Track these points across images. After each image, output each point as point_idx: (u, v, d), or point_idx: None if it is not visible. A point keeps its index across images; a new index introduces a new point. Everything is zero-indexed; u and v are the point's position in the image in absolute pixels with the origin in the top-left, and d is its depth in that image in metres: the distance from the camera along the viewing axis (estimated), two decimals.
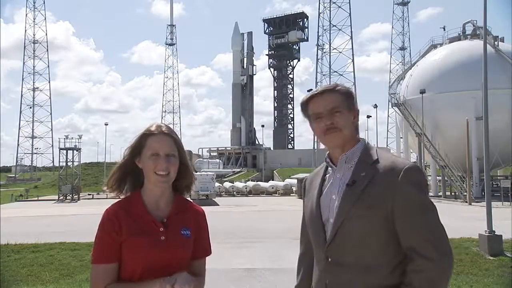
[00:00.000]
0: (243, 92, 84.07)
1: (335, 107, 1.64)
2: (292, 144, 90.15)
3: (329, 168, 1.72)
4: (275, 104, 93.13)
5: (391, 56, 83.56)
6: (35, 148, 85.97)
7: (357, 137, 1.69)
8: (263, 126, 72.16)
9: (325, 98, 1.66)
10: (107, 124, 55.16)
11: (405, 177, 1.52)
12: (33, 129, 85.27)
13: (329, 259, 1.59)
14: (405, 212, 1.50)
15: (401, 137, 43.48)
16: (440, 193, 36.12)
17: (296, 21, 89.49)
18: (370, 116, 54.89)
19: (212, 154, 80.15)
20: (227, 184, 43.89)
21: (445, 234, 1.52)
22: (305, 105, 1.71)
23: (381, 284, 1.51)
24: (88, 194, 40.72)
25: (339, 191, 1.62)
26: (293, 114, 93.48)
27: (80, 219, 19.69)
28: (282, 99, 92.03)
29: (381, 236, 1.53)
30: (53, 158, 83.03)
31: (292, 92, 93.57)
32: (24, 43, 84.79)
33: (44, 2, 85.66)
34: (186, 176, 1.80)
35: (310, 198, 1.74)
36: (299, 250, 1.92)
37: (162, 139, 1.70)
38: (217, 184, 37.85)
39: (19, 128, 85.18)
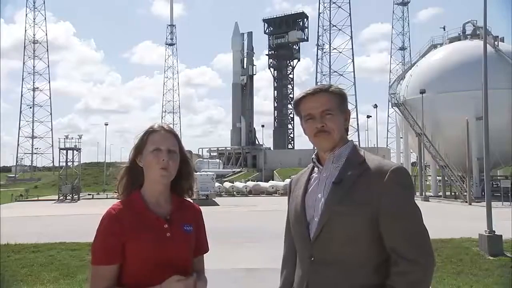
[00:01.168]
0: (243, 92, 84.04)
1: (327, 109, 1.63)
2: (292, 144, 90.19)
3: (316, 168, 1.72)
4: (275, 104, 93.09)
5: (391, 56, 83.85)
6: (35, 148, 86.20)
7: (346, 138, 1.69)
8: (263, 126, 72.29)
9: (318, 99, 1.65)
10: (107, 124, 55.29)
11: (392, 178, 1.52)
12: (33, 129, 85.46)
13: (313, 258, 1.58)
14: (390, 213, 1.50)
15: (401, 137, 43.54)
16: (440, 193, 36.18)
17: (296, 21, 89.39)
18: (370, 116, 54.91)
19: (212, 154, 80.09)
20: (227, 184, 43.93)
21: (427, 236, 1.53)
22: (297, 104, 1.70)
23: (364, 283, 1.51)
24: (88, 194, 40.75)
25: (325, 189, 1.61)
26: (293, 114, 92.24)
27: (80, 219, 19.68)
28: (282, 99, 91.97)
29: (365, 235, 1.52)
30: (53, 158, 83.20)
31: (292, 92, 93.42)
32: (24, 43, 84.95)
33: (44, 2, 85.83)
34: (187, 175, 1.80)
35: (295, 197, 1.73)
36: (283, 251, 1.90)
37: (164, 135, 1.72)
38: (217, 184, 37.87)
39: (19, 128, 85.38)
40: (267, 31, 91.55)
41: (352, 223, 1.52)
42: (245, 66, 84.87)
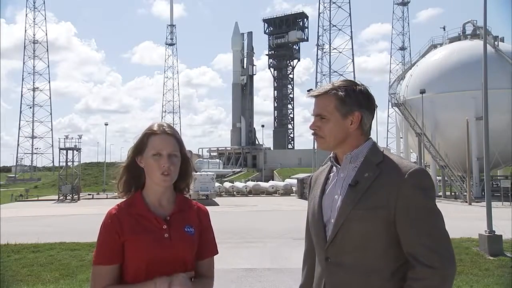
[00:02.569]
0: (243, 92, 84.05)
1: (321, 113, 1.61)
2: (292, 144, 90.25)
3: (334, 167, 1.69)
4: (275, 104, 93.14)
5: (391, 56, 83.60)
6: (35, 148, 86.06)
7: (363, 137, 1.63)
8: (263, 126, 72.17)
9: (318, 101, 1.64)
10: (107, 124, 55.39)
11: (410, 180, 1.48)
12: (33, 129, 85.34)
13: (329, 260, 1.57)
14: (407, 216, 1.46)
15: (401, 137, 43.49)
16: (440, 193, 36.12)
17: (296, 21, 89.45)
18: None
19: (212, 154, 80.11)
20: (227, 184, 43.91)
21: (448, 241, 1.47)
22: None
23: (380, 287, 1.49)
24: (88, 194, 40.77)
25: (342, 191, 1.58)
26: (293, 114, 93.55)
27: (80, 219, 19.71)
28: (282, 99, 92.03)
29: (382, 238, 1.50)
30: (53, 158, 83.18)
31: (292, 92, 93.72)
32: (24, 43, 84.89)
33: (44, 2, 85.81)
34: (186, 175, 1.78)
35: (313, 198, 1.71)
36: (304, 246, 1.91)
37: (165, 138, 1.69)
38: (217, 184, 37.83)
39: (19, 128, 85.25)
40: (267, 31, 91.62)
41: (367, 227, 1.50)
42: (245, 66, 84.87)
